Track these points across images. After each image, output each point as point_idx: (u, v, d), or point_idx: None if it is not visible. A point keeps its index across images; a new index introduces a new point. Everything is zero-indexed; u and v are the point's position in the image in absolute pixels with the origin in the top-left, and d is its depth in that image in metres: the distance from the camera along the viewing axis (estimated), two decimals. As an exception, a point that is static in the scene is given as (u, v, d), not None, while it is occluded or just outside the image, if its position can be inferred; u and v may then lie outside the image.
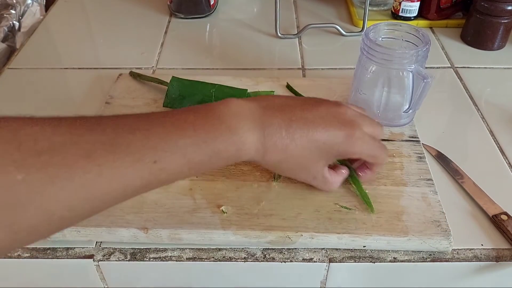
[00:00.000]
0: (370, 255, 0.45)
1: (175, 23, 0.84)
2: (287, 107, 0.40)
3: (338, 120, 0.41)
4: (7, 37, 0.86)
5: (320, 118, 0.40)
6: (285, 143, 0.39)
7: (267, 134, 0.38)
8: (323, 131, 0.40)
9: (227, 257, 0.45)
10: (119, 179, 0.30)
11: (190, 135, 0.34)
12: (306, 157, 0.40)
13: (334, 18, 0.86)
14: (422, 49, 0.51)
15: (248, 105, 0.39)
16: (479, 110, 0.63)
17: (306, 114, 0.40)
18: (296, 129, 0.39)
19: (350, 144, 0.41)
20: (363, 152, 0.42)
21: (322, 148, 0.40)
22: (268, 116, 0.39)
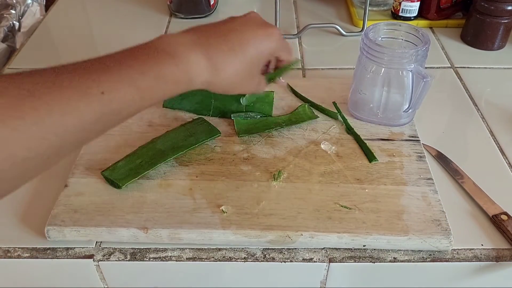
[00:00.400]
0: (370, 255, 0.45)
1: (175, 23, 0.84)
2: (213, 26, 0.42)
3: (258, 24, 0.44)
4: (7, 37, 0.86)
5: (245, 26, 0.43)
6: (230, 56, 0.40)
7: (211, 53, 0.39)
8: (253, 35, 0.43)
9: (227, 257, 0.45)
10: (70, 113, 0.30)
11: (132, 64, 0.35)
12: (250, 63, 0.43)
13: (334, 18, 0.86)
14: (422, 49, 0.51)
15: (181, 35, 0.40)
16: (479, 110, 0.63)
17: (232, 26, 0.43)
18: (233, 41, 0.41)
19: (275, 42, 0.44)
20: (283, 48, 0.46)
21: (258, 51, 0.43)
22: (204, 39, 0.40)
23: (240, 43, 0.42)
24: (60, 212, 0.46)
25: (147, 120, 0.58)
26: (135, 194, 0.48)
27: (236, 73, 0.41)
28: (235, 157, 0.52)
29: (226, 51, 0.40)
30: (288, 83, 0.63)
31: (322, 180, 0.49)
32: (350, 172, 0.50)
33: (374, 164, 0.52)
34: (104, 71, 0.33)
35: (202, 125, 0.55)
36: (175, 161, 0.52)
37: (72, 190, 0.48)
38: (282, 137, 0.55)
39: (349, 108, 0.59)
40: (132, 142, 0.54)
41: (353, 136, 0.55)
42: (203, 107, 0.59)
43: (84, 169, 0.51)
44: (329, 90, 0.63)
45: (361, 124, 0.57)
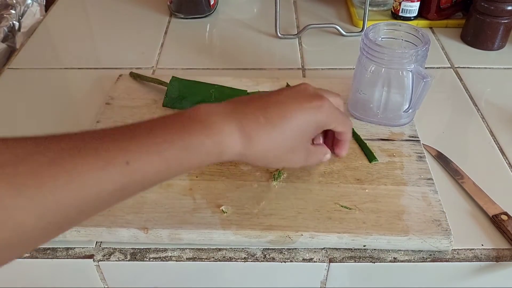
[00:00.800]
0: (370, 255, 0.45)
1: (175, 23, 0.84)
2: (255, 98, 0.40)
3: (306, 96, 0.41)
4: (7, 37, 0.86)
5: (290, 98, 0.41)
6: (267, 129, 0.38)
7: (245, 124, 0.37)
8: (297, 107, 0.40)
9: (227, 257, 0.45)
10: (90, 184, 0.29)
11: (161, 133, 0.33)
12: (291, 137, 0.40)
13: (334, 18, 0.86)
14: (422, 49, 0.51)
15: (218, 104, 0.38)
16: (479, 110, 0.63)
17: (276, 98, 0.40)
18: (272, 113, 0.39)
19: (323, 114, 0.41)
20: (335, 120, 0.43)
21: (301, 125, 0.40)
22: (241, 109, 0.38)
23: (280, 116, 0.39)
24: (60, 212, 0.46)
25: (147, 120, 0.58)
26: (135, 194, 0.48)
27: (273, 147, 0.39)
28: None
29: (263, 123, 0.38)
30: (288, 83, 0.63)
31: (322, 180, 0.49)
32: (350, 172, 0.50)
33: (374, 164, 0.52)
34: (131, 139, 0.32)
35: (202, 125, 0.55)
36: (175, 161, 0.52)
37: (72, 190, 0.48)
38: (282, 137, 0.55)
39: (349, 108, 0.59)
40: (132, 142, 0.54)
41: (353, 136, 0.55)
42: (203, 107, 0.58)
43: (84, 169, 0.51)
44: (329, 90, 0.63)
45: (361, 124, 0.57)
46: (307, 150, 0.43)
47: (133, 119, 0.58)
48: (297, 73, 0.71)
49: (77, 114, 0.62)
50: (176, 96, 0.59)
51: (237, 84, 0.62)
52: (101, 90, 0.67)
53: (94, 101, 0.64)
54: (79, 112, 0.63)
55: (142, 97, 0.62)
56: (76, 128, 0.60)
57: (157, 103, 0.61)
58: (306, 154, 0.43)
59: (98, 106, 0.62)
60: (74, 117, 0.62)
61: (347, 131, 0.45)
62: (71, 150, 0.29)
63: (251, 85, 0.63)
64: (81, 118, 0.62)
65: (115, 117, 0.58)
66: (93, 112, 0.61)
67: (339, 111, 0.43)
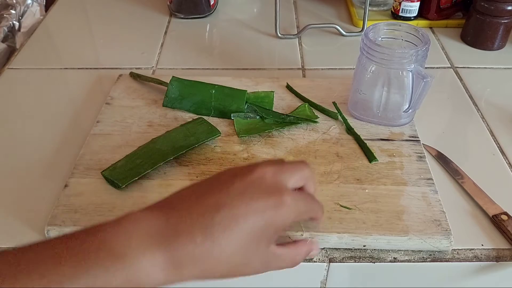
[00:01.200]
0: (370, 255, 0.45)
1: (175, 23, 0.84)
2: (195, 200, 0.33)
3: (260, 191, 0.34)
4: (7, 37, 0.86)
5: (239, 196, 0.33)
6: (204, 249, 0.31)
7: (175, 249, 0.31)
8: (247, 212, 0.32)
9: (227, 257, 0.45)
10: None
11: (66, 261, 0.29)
12: (240, 251, 0.33)
13: (334, 18, 0.86)
14: (422, 49, 0.51)
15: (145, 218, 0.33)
16: (479, 110, 0.63)
17: (220, 199, 0.33)
18: (213, 225, 0.31)
19: (285, 215, 0.34)
20: (301, 215, 0.36)
21: (254, 232, 0.33)
22: (173, 226, 0.32)
23: (223, 227, 0.31)
24: (60, 212, 0.46)
25: (147, 120, 0.58)
26: (135, 194, 0.48)
27: (214, 266, 0.32)
28: (235, 157, 0.52)
29: (200, 243, 0.31)
30: (288, 83, 0.63)
31: (322, 180, 0.49)
32: (350, 172, 0.50)
33: (374, 164, 0.52)
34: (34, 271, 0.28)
35: (202, 125, 0.55)
36: (175, 161, 0.52)
37: (72, 190, 0.48)
38: (282, 137, 0.55)
39: (349, 108, 0.59)
40: (132, 142, 0.54)
41: (353, 136, 0.55)
42: (203, 107, 0.59)
43: (84, 169, 0.51)
44: (329, 90, 0.63)
45: (361, 124, 0.57)
46: (267, 256, 0.35)
47: (133, 119, 0.58)
48: (297, 73, 0.71)
49: (77, 114, 0.62)
50: (176, 96, 0.59)
51: (237, 84, 0.62)
52: (101, 90, 0.67)
53: (94, 101, 0.64)
54: (79, 112, 0.63)
55: (142, 97, 0.62)
56: (76, 128, 0.60)
57: (157, 102, 0.61)
58: (266, 260, 0.35)
59: (98, 106, 0.62)
60: (74, 117, 0.62)
61: (319, 218, 0.40)
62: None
63: (251, 85, 0.63)
64: (81, 118, 0.62)
65: (115, 117, 0.58)
66: (93, 112, 0.61)
67: (306, 201, 0.37)
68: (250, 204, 0.32)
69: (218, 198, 0.33)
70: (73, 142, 0.57)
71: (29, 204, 0.50)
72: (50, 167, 0.54)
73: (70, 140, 0.58)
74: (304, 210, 0.36)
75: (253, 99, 0.60)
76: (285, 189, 0.34)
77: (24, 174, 0.53)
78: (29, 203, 0.50)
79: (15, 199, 0.50)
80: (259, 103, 0.59)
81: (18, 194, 0.51)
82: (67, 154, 0.55)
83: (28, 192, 0.51)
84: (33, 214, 0.48)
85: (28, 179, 0.53)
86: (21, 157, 0.56)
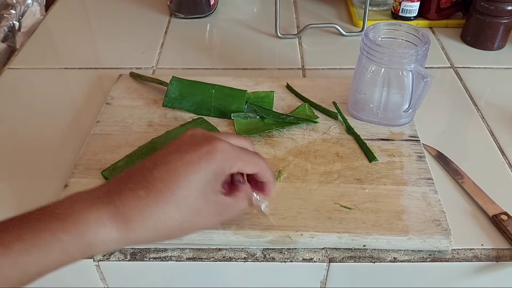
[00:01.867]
0: (370, 255, 0.45)
1: (175, 23, 0.84)
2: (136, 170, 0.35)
3: (191, 145, 0.36)
4: (7, 37, 0.86)
5: (174, 154, 0.35)
6: (150, 202, 0.33)
7: (120, 205, 0.32)
8: (184, 164, 0.34)
9: (227, 257, 0.45)
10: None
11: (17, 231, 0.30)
12: (186, 201, 0.34)
13: (334, 18, 0.86)
14: (422, 49, 0.51)
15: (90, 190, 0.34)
16: (479, 110, 0.63)
17: (159, 161, 0.35)
18: (154, 181, 0.33)
19: (217, 159, 0.35)
20: (236, 161, 0.37)
21: (194, 181, 0.34)
22: (116, 187, 0.33)
23: (163, 181, 0.33)
24: (60, 212, 0.46)
25: (147, 120, 0.58)
26: (135, 194, 0.48)
27: (165, 219, 0.33)
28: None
29: (144, 196, 0.32)
30: (288, 83, 0.63)
31: (322, 180, 0.49)
32: (350, 172, 0.50)
33: (374, 164, 0.52)
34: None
35: (202, 125, 0.55)
36: (175, 161, 0.52)
37: (72, 190, 0.48)
38: (282, 137, 0.55)
39: (349, 108, 0.59)
40: (132, 142, 0.54)
41: (353, 136, 0.55)
42: (203, 107, 0.59)
43: (84, 169, 0.51)
44: (329, 90, 0.63)
45: (361, 124, 0.57)
46: (217, 204, 0.37)
47: (133, 119, 0.58)
48: (297, 73, 0.71)
49: (77, 114, 0.62)
50: (176, 96, 0.59)
51: (237, 84, 0.62)
52: (101, 90, 0.67)
53: (94, 100, 0.64)
54: (79, 112, 0.63)
55: (142, 97, 0.62)
56: (76, 128, 0.60)
57: (157, 102, 0.61)
58: (218, 209, 0.37)
59: (98, 106, 0.62)
60: (74, 117, 0.62)
61: (262, 170, 0.39)
62: None
63: (251, 85, 0.63)
64: (81, 118, 0.62)
65: (115, 117, 0.58)
66: (93, 111, 0.61)
67: (241, 150, 0.37)
68: (184, 157, 0.34)
69: (155, 160, 0.35)
70: (73, 142, 0.57)
71: (29, 204, 0.50)
72: (50, 167, 0.54)
73: (70, 140, 0.58)
74: (247, 159, 0.37)
75: (253, 99, 0.60)
76: (216, 139, 0.36)
77: (24, 174, 0.53)
78: (29, 203, 0.50)
79: (15, 199, 0.50)
80: (259, 103, 0.59)
81: (18, 194, 0.51)
82: (67, 154, 0.55)
83: (28, 192, 0.51)
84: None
85: (28, 179, 0.53)
86: (21, 157, 0.56)
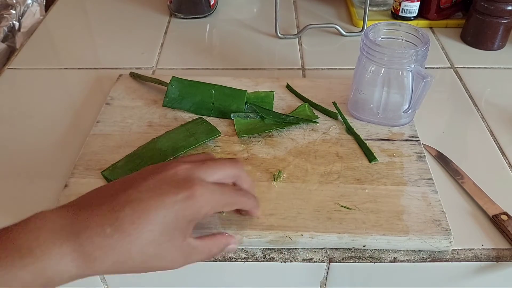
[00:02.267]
0: (370, 255, 0.45)
1: (175, 23, 0.84)
2: (107, 197, 0.34)
3: (171, 185, 0.34)
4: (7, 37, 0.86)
5: (149, 192, 0.34)
6: (114, 241, 0.32)
7: (85, 241, 0.31)
8: (157, 205, 0.33)
9: (227, 257, 0.45)
10: None
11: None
12: (152, 243, 0.33)
13: (334, 18, 0.86)
14: (422, 49, 0.51)
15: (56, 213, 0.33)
16: (479, 110, 0.63)
17: (132, 195, 0.33)
18: (124, 218, 0.32)
19: (195, 206, 0.34)
20: (217, 206, 0.36)
21: (165, 224, 0.33)
22: (84, 218, 0.32)
23: (133, 221, 0.32)
24: (60, 212, 0.46)
25: (147, 120, 0.58)
26: (135, 194, 0.48)
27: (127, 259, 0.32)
28: (235, 157, 0.52)
29: (110, 234, 0.31)
30: (288, 83, 0.63)
31: (322, 180, 0.49)
32: (350, 172, 0.50)
33: (374, 164, 0.52)
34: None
35: (202, 125, 0.55)
36: (175, 161, 0.52)
37: (72, 190, 0.48)
38: (282, 137, 0.55)
39: (349, 108, 0.59)
40: (132, 142, 0.54)
41: (353, 136, 0.55)
42: (203, 107, 0.59)
43: (84, 169, 0.51)
44: (329, 90, 0.63)
45: (361, 124, 0.57)
46: (184, 249, 0.35)
47: (133, 119, 0.58)
48: (297, 73, 0.71)
49: (77, 114, 0.62)
50: (176, 96, 0.59)
51: (237, 84, 0.62)
52: (101, 90, 0.67)
53: (94, 101, 0.64)
54: (79, 112, 0.63)
55: (142, 97, 0.62)
56: (76, 128, 0.60)
57: (157, 103, 0.61)
58: (184, 254, 0.36)
59: (98, 106, 0.62)
60: (74, 117, 0.62)
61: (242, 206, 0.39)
62: None
63: (251, 85, 0.63)
64: (81, 118, 0.62)
65: (115, 117, 0.58)
66: (93, 112, 0.61)
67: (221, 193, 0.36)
68: (160, 198, 0.33)
69: (129, 194, 0.33)
70: (73, 142, 0.57)
71: (29, 204, 0.50)
72: (50, 167, 0.54)
73: (70, 140, 0.58)
74: (225, 202, 0.37)
75: (253, 99, 0.60)
76: (197, 182, 0.35)
77: (24, 174, 0.53)
78: (29, 203, 0.50)
79: (15, 199, 0.50)
80: (259, 103, 0.59)
81: (18, 194, 0.51)
82: (67, 154, 0.55)
83: (28, 192, 0.51)
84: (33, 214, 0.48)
85: (28, 179, 0.53)
86: (21, 157, 0.56)
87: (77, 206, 0.34)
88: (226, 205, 0.37)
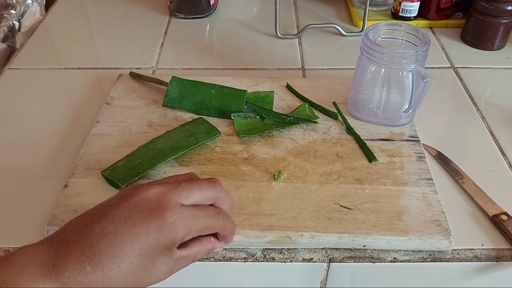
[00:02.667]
0: (370, 255, 0.45)
1: (175, 23, 0.84)
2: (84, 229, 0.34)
3: (141, 213, 0.34)
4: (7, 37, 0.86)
5: (122, 223, 0.33)
6: (95, 277, 0.32)
7: (67, 277, 0.31)
8: (131, 239, 0.33)
9: (227, 257, 0.45)
10: None
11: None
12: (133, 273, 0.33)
13: (334, 18, 0.86)
14: (422, 49, 0.51)
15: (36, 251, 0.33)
16: (479, 110, 0.63)
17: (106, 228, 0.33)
18: (101, 254, 0.32)
19: (170, 233, 0.34)
20: (193, 231, 0.35)
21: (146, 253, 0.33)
22: (64, 256, 0.32)
23: (110, 256, 0.32)
24: (60, 213, 0.46)
25: (147, 120, 0.58)
26: (135, 194, 0.48)
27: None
28: (235, 157, 0.52)
29: (91, 271, 0.31)
30: (288, 83, 0.63)
31: (322, 180, 0.49)
32: (350, 173, 0.50)
33: (374, 164, 0.52)
34: None
35: (202, 125, 0.55)
36: (175, 161, 0.52)
37: (72, 190, 0.48)
38: (282, 137, 0.55)
39: (349, 108, 0.59)
40: (132, 142, 0.54)
41: (353, 136, 0.55)
42: (203, 107, 0.59)
43: (84, 169, 0.51)
44: (329, 90, 0.63)
45: (361, 124, 0.57)
46: (170, 264, 0.35)
47: (133, 119, 0.58)
48: (297, 73, 0.71)
49: (77, 114, 0.62)
50: (176, 96, 0.59)
51: (237, 84, 0.62)
52: (101, 90, 0.67)
53: (94, 101, 0.64)
54: (79, 112, 0.63)
55: (142, 97, 0.62)
56: (76, 128, 0.60)
57: (157, 102, 0.61)
58: (169, 267, 0.36)
59: (98, 106, 0.62)
60: (74, 117, 0.62)
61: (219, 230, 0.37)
62: None
63: (251, 85, 0.63)
64: (81, 118, 0.62)
65: (115, 117, 0.58)
66: (93, 112, 0.61)
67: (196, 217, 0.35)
68: (133, 231, 0.33)
69: (104, 226, 0.33)
70: (73, 142, 0.57)
71: (29, 204, 0.50)
72: (50, 167, 0.54)
73: (70, 140, 0.58)
74: (202, 227, 0.36)
75: (253, 99, 0.60)
76: (168, 208, 0.34)
77: (24, 174, 0.53)
78: (29, 203, 0.50)
79: (15, 199, 0.50)
80: (259, 103, 0.59)
81: (18, 194, 0.51)
82: (67, 154, 0.55)
83: (28, 192, 0.51)
84: (33, 214, 0.48)
85: (28, 179, 0.53)
86: (21, 157, 0.56)
87: (57, 240, 0.34)
88: (205, 230, 0.37)
